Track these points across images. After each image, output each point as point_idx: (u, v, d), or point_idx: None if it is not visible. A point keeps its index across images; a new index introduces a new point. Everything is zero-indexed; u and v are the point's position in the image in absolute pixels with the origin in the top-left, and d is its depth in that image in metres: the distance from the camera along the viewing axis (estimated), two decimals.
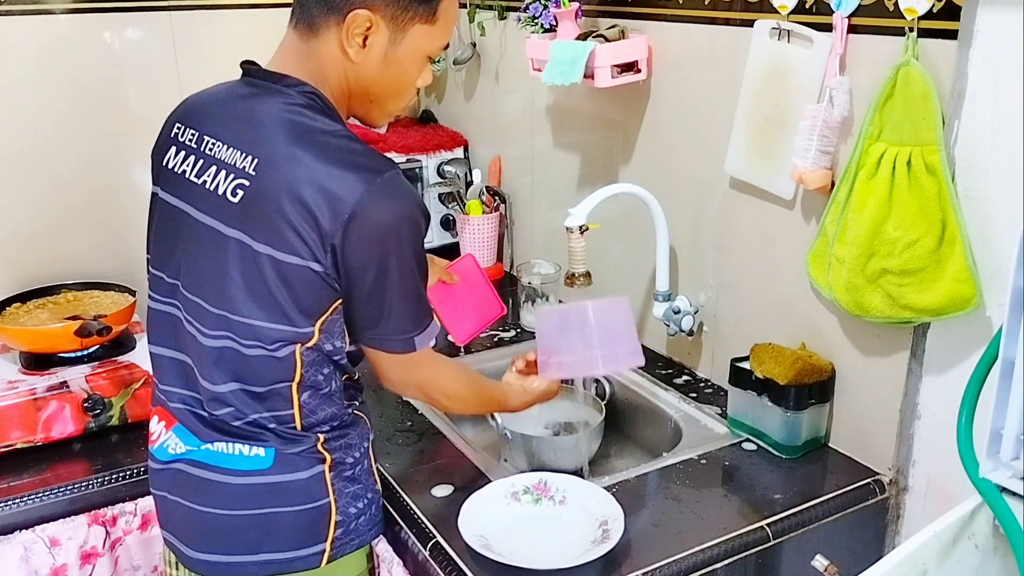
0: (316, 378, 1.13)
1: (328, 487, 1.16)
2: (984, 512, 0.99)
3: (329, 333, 1.11)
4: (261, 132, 1.06)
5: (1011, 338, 0.94)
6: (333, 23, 1.07)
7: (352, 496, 1.19)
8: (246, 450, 1.13)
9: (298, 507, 1.15)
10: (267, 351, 1.08)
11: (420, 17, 1.08)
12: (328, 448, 1.16)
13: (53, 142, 1.94)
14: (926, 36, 1.16)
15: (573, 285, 1.55)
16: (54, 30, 1.90)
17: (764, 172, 1.44)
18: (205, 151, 1.11)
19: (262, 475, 1.13)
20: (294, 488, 1.14)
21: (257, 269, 1.05)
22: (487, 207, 2.20)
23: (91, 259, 2.00)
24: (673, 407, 1.60)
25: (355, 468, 1.20)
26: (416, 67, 1.13)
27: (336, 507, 1.17)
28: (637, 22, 1.66)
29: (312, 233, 1.02)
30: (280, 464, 1.14)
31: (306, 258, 1.03)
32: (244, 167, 1.06)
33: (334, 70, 1.10)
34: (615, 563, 1.16)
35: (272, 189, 1.03)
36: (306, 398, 1.13)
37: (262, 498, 1.14)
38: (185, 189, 1.12)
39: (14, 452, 1.53)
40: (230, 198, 1.06)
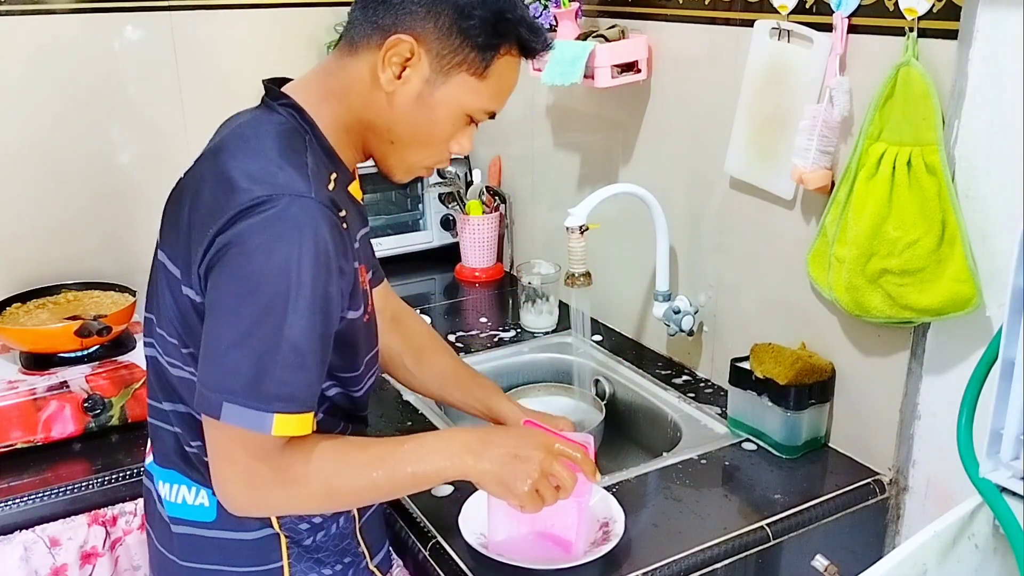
0: None
1: (281, 549, 1.03)
2: (984, 512, 0.99)
3: None
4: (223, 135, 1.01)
5: (1011, 338, 0.94)
6: (374, 44, 0.95)
7: (315, 562, 1.05)
8: (190, 497, 1.03)
9: (244, 568, 1.03)
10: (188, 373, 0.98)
11: (469, 66, 0.96)
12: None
13: (53, 142, 1.94)
14: (926, 36, 1.16)
15: (573, 285, 1.55)
16: (54, 30, 1.90)
17: (764, 172, 1.44)
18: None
19: (207, 528, 1.03)
20: (240, 547, 1.03)
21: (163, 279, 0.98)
22: (487, 207, 2.20)
23: (91, 259, 2.00)
24: (673, 407, 1.60)
25: (314, 536, 1.05)
26: (450, 121, 0.99)
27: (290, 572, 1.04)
28: (637, 22, 1.66)
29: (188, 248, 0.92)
30: (225, 517, 1.00)
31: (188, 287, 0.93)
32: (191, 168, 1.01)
33: (358, 95, 0.98)
34: (615, 563, 1.15)
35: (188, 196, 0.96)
36: None
37: (205, 553, 1.04)
38: None
39: (14, 452, 1.53)
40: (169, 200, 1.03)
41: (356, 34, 0.97)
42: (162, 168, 2.04)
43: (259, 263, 0.86)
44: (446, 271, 2.29)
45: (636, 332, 1.86)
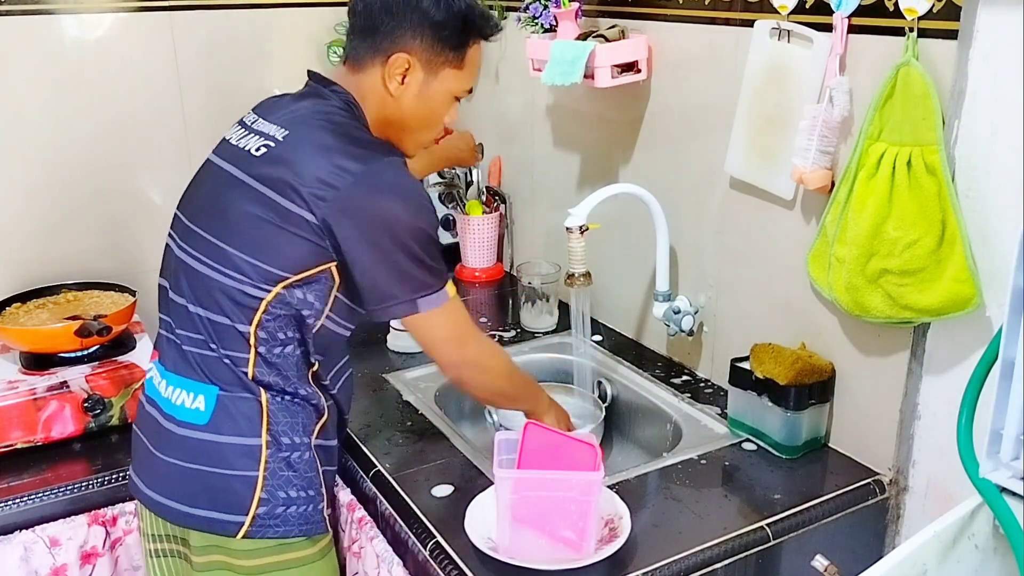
0: (276, 334, 1.19)
1: (260, 461, 1.20)
2: (984, 512, 0.99)
3: (304, 289, 1.17)
4: (297, 114, 1.23)
5: (1011, 338, 0.94)
6: (378, 62, 1.24)
7: (284, 481, 1.22)
8: (188, 400, 1.21)
9: (225, 470, 1.20)
10: (238, 283, 1.16)
11: (450, 62, 1.26)
12: (270, 414, 1.21)
13: (53, 142, 1.94)
14: (926, 36, 1.16)
15: (573, 285, 1.55)
16: (55, 30, 1.90)
17: (764, 172, 1.44)
18: (254, 127, 1.26)
19: (197, 430, 1.20)
20: (225, 450, 1.20)
21: (257, 208, 1.15)
22: (487, 207, 2.20)
23: (91, 259, 2.01)
24: (673, 407, 1.60)
25: (293, 452, 1.22)
26: (444, 104, 1.30)
27: (263, 484, 1.20)
28: (637, 22, 1.66)
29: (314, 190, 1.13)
30: (216, 422, 1.20)
31: (300, 207, 1.13)
32: (275, 135, 1.21)
33: (374, 100, 1.26)
34: (615, 563, 1.15)
35: (291, 151, 1.17)
36: (263, 350, 1.19)
37: (195, 453, 1.20)
38: (225, 151, 1.26)
39: (14, 452, 1.53)
40: (253, 152, 1.20)
41: (360, 57, 1.25)
42: (163, 168, 2.04)
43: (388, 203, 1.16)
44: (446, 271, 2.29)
45: (636, 332, 1.86)
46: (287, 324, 1.20)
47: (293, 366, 1.23)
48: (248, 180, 1.18)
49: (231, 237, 1.17)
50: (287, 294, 1.17)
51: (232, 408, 1.20)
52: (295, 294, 1.17)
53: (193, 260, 1.21)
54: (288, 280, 1.16)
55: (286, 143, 1.19)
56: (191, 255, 1.21)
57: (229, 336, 1.19)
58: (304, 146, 1.17)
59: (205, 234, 1.20)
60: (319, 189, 1.13)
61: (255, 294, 1.17)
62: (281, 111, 1.25)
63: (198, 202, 1.26)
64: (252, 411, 1.20)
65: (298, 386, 1.23)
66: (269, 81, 2.08)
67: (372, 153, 1.18)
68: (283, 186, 1.14)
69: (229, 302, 1.18)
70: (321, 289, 1.19)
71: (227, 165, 1.23)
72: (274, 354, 1.21)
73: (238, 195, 1.18)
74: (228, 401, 1.20)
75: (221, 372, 1.20)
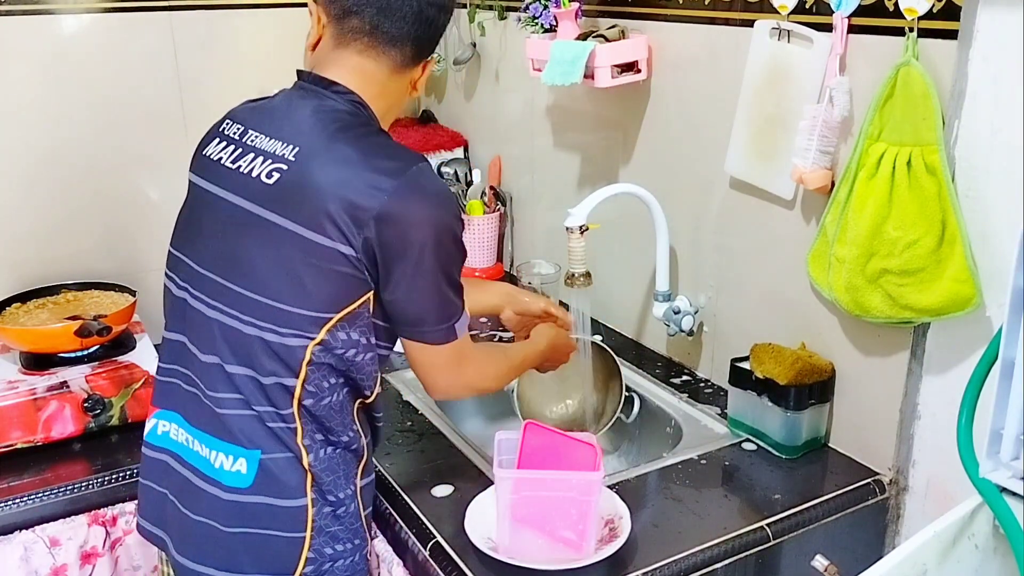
0: (322, 383, 1.11)
1: (307, 520, 1.14)
2: (984, 512, 0.99)
3: (347, 327, 1.09)
4: (303, 125, 1.12)
5: (1011, 338, 0.94)
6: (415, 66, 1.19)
7: (331, 536, 1.16)
8: (227, 463, 1.13)
9: (270, 531, 1.13)
10: (278, 335, 1.08)
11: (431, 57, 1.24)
12: (315, 474, 1.14)
13: (53, 142, 1.94)
14: (926, 36, 1.16)
15: (573, 285, 1.55)
16: (55, 30, 1.90)
17: (764, 172, 1.44)
18: (246, 142, 1.15)
19: (241, 494, 1.13)
20: (271, 513, 1.13)
21: (286, 249, 1.07)
22: (488, 207, 2.20)
23: (91, 259, 2.00)
24: (673, 407, 1.60)
25: (339, 508, 1.16)
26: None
27: (310, 543, 1.14)
28: (637, 22, 1.66)
29: (345, 217, 1.05)
30: (261, 484, 1.12)
31: (335, 240, 1.05)
32: (283, 154, 1.10)
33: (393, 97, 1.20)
34: (615, 563, 1.15)
35: (310, 174, 1.07)
36: (309, 403, 1.11)
37: (237, 516, 1.13)
38: (219, 175, 1.15)
39: (14, 452, 1.53)
40: (264, 180, 1.09)
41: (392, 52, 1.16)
42: (162, 168, 2.04)
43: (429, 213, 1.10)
44: None
45: (636, 332, 1.86)
46: (330, 372, 1.11)
47: (338, 413, 1.15)
48: (267, 215, 1.08)
49: (261, 286, 1.08)
50: (331, 338, 1.08)
51: (276, 470, 1.12)
52: (338, 336, 1.09)
53: (222, 315, 1.11)
54: (331, 321, 1.08)
55: (300, 164, 1.08)
56: (217, 309, 1.12)
57: (273, 394, 1.10)
58: (324, 166, 1.07)
59: (229, 284, 1.11)
60: (352, 214, 1.04)
61: (298, 344, 1.08)
62: (278, 122, 1.14)
63: (206, 245, 1.15)
64: (297, 472, 1.13)
65: (341, 433, 1.16)
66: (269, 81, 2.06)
67: (400, 161, 1.09)
68: (310, 219, 1.05)
69: (272, 357, 1.09)
70: (363, 323, 1.11)
71: (232, 196, 1.12)
72: (321, 406, 1.12)
73: (258, 235, 1.08)
74: (271, 464, 1.12)
75: (262, 435, 1.12)
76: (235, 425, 1.12)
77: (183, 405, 1.18)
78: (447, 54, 2.27)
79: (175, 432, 1.19)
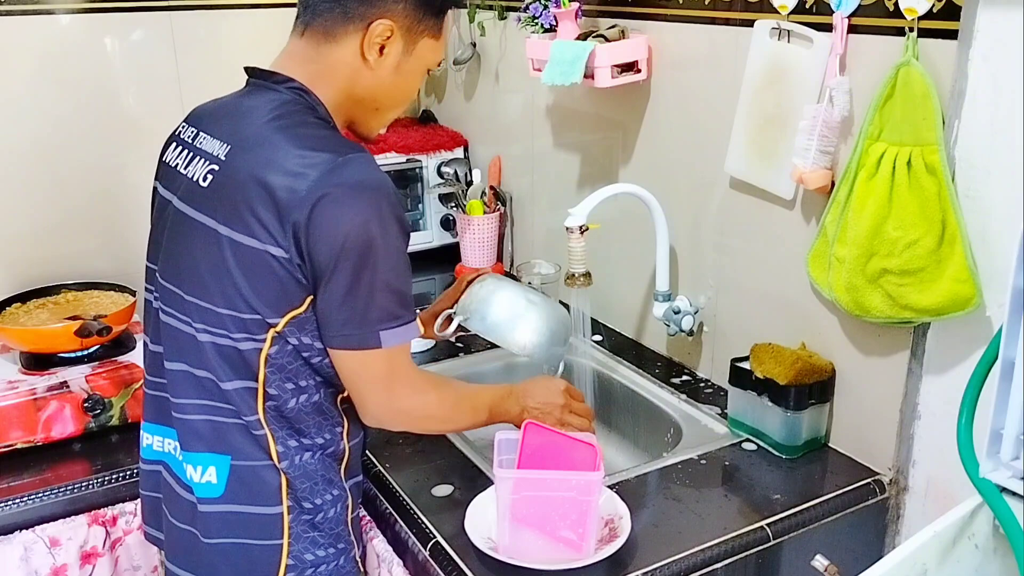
0: (283, 385, 1.09)
1: (283, 528, 1.12)
2: (984, 512, 0.99)
3: (298, 332, 1.06)
4: (240, 122, 1.09)
5: (1011, 338, 0.94)
6: (353, 31, 1.09)
7: (310, 542, 1.14)
8: (196, 475, 1.11)
9: (246, 540, 1.12)
10: (229, 339, 1.06)
11: (429, 31, 1.14)
12: (289, 481, 1.11)
13: (53, 142, 1.94)
14: (926, 36, 1.16)
15: (573, 285, 1.55)
16: (54, 30, 1.90)
17: (764, 172, 1.44)
18: (196, 145, 1.13)
19: (214, 503, 1.12)
20: (245, 521, 1.11)
21: (220, 253, 1.03)
22: (488, 207, 2.20)
23: (91, 259, 2.00)
24: (673, 407, 1.60)
25: (317, 515, 1.14)
26: (419, 78, 1.18)
27: (288, 550, 1.12)
28: (637, 22, 1.66)
29: (270, 215, 1.00)
30: (233, 492, 1.11)
31: (264, 242, 1.01)
32: (218, 154, 1.08)
33: (344, 76, 1.12)
34: (615, 563, 1.15)
35: (237, 172, 1.04)
36: (272, 406, 1.09)
37: (213, 527, 1.12)
38: (173, 180, 1.14)
39: (14, 452, 1.53)
40: (201, 183, 1.07)
41: (332, 24, 1.10)
42: None
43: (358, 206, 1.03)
44: (446, 271, 2.29)
45: (636, 332, 1.86)
46: (295, 374, 1.09)
47: (311, 414, 1.12)
48: (202, 219, 1.05)
49: (204, 291, 1.05)
50: (282, 343, 1.06)
51: (248, 477, 1.10)
52: (290, 342, 1.06)
53: (179, 323, 1.10)
54: (278, 325, 1.05)
55: (229, 163, 1.05)
56: (176, 317, 1.10)
57: (236, 400, 1.08)
58: (248, 162, 1.03)
59: (179, 291, 1.09)
60: (276, 211, 0.99)
61: (250, 347, 1.05)
62: (222, 121, 1.11)
63: (163, 252, 1.13)
64: (271, 478, 1.10)
65: (316, 435, 1.13)
66: None
67: (328, 152, 1.02)
68: (238, 220, 1.01)
69: (227, 362, 1.06)
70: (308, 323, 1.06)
71: (178, 202, 1.10)
72: (288, 409, 1.10)
73: (197, 240, 1.06)
74: (243, 470, 1.10)
75: (232, 438, 1.09)
76: (205, 431, 1.10)
77: (165, 416, 1.17)
78: (447, 54, 2.27)
79: (159, 444, 1.19)
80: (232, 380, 1.08)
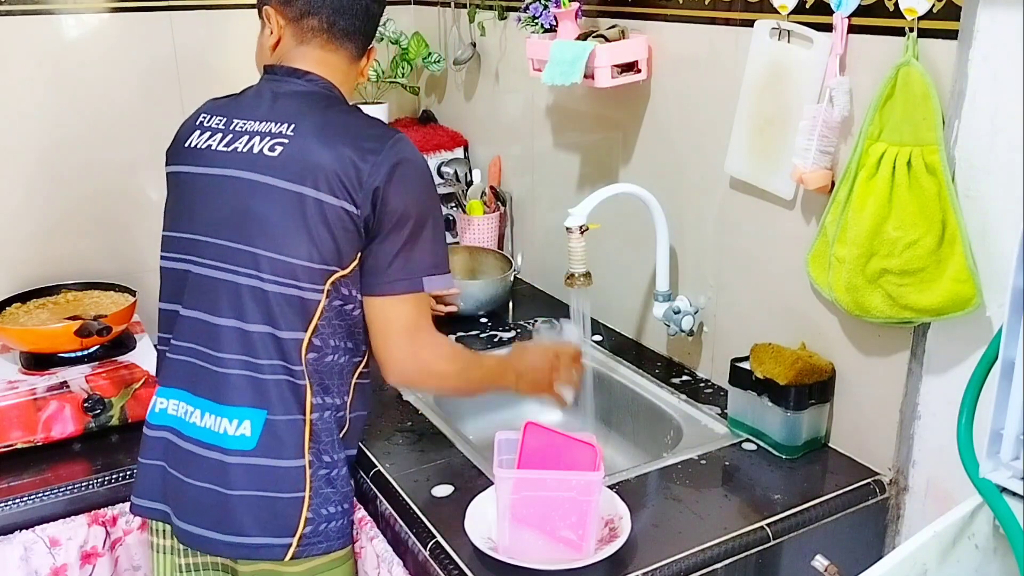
0: (328, 341, 1.21)
1: (307, 481, 1.21)
2: (984, 512, 0.99)
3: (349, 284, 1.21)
4: (292, 106, 1.24)
5: (1011, 338, 0.94)
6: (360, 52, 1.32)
7: (325, 498, 1.23)
8: (231, 428, 1.20)
9: (272, 493, 1.20)
10: (298, 289, 1.18)
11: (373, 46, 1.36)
12: (313, 434, 1.22)
13: (53, 142, 1.94)
14: (926, 36, 1.16)
15: (573, 285, 1.55)
16: (54, 30, 1.90)
17: (764, 172, 1.44)
18: (235, 129, 1.24)
19: (244, 456, 1.20)
20: (273, 473, 1.20)
21: (299, 209, 1.17)
22: (488, 207, 2.20)
23: (91, 259, 2.01)
24: (673, 407, 1.60)
25: (332, 469, 1.25)
26: None
27: (310, 503, 1.22)
28: (637, 22, 1.66)
29: (350, 177, 1.17)
30: (264, 446, 1.20)
31: (341, 198, 1.16)
32: (281, 131, 1.21)
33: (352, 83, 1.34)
34: (615, 563, 1.15)
35: (311, 144, 1.19)
36: (313, 357, 1.20)
37: (240, 479, 1.20)
38: (214, 158, 1.23)
39: (14, 452, 1.53)
40: (267, 153, 1.20)
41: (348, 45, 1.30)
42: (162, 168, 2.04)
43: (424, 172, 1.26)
44: None
45: (636, 332, 1.86)
46: (336, 331, 1.22)
47: (337, 374, 1.25)
48: (275, 182, 1.18)
49: (278, 244, 1.17)
50: (334, 291, 1.19)
51: (279, 431, 1.20)
52: (341, 290, 1.20)
53: (237, 276, 1.19)
54: (337, 275, 1.19)
55: (300, 137, 1.19)
56: (236, 272, 1.19)
57: (289, 349, 1.19)
58: (322, 135, 1.19)
59: (243, 246, 1.19)
60: (354, 174, 1.16)
61: (312, 297, 1.18)
62: (262, 108, 1.25)
63: (219, 216, 1.22)
64: (298, 432, 1.21)
65: (336, 395, 1.25)
66: None
67: (384, 129, 1.24)
68: (317, 181, 1.16)
69: (291, 311, 1.18)
70: (355, 278, 1.22)
71: (236, 172, 1.21)
72: (325, 363, 1.22)
73: (268, 199, 1.18)
74: (276, 424, 1.20)
75: (270, 393, 1.20)
76: (244, 386, 1.19)
77: (188, 379, 1.24)
78: (447, 54, 2.27)
79: (174, 407, 1.25)
80: (291, 330, 1.19)
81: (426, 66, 2.29)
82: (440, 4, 2.28)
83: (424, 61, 2.28)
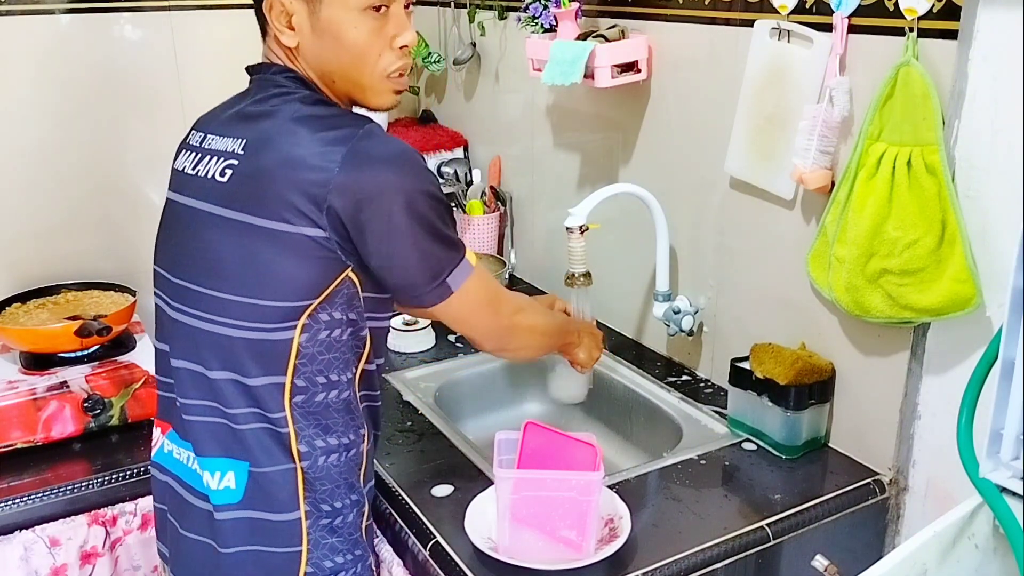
0: (313, 378, 1.08)
1: (303, 534, 1.10)
2: (984, 512, 0.99)
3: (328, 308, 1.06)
4: (249, 118, 1.09)
5: (1011, 338, 0.94)
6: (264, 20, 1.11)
7: (329, 549, 1.12)
8: (214, 482, 1.10)
9: (265, 548, 1.10)
10: (263, 332, 1.05)
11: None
12: (307, 483, 1.10)
13: (53, 142, 1.94)
14: (926, 36, 1.16)
15: (573, 285, 1.55)
16: (54, 30, 1.90)
17: (764, 172, 1.44)
18: (204, 146, 1.13)
19: (232, 510, 1.10)
20: (264, 528, 1.10)
21: (251, 243, 1.03)
22: (488, 207, 2.20)
23: (91, 259, 2.00)
24: (673, 407, 1.60)
25: (335, 518, 1.13)
26: (353, 25, 1.08)
27: (308, 557, 1.11)
28: (637, 22, 1.66)
29: (303, 199, 1.00)
30: (251, 500, 1.09)
31: (299, 224, 1.01)
32: (233, 150, 1.07)
33: (291, 63, 1.12)
34: (615, 563, 1.15)
35: (260, 164, 1.04)
36: (301, 400, 1.08)
37: (230, 534, 1.10)
38: (183, 183, 1.14)
39: (14, 452, 1.53)
40: (218, 179, 1.07)
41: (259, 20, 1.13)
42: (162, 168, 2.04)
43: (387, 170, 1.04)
44: None
45: (636, 332, 1.86)
46: (328, 364, 1.08)
47: (342, 410, 1.12)
48: (227, 214, 1.04)
49: (236, 285, 1.04)
50: (313, 323, 1.05)
51: (267, 483, 1.09)
52: (320, 319, 1.05)
53: (198, 320, 1.08)
54: (311, 306, 1.04)
55: (248, 156, 1.05)
56: (193, 315, 1.09)
57: (262, 397, 1.07)
58: (270, 151, 1.03)
59: (200, 288, 1.07)
60: (308, 193, 1.00)
61: (281, 338, 1.05)
62: (228, 120, 1.12)
63: (176, 253, 1.12)
64: (290, 482, 1.09)
65: (343, 434, 1.12)
66: None
67: (346, 128, 1.04)
68: (269, 208, 1.01)
69: (258, 356, 1.05)
70: (343, 301, 1.07)
71: (194, 201, 1.09)
72: (317, 403, 1.09)
73: (220, 234, 1.05)
74: (262, 476, 1.08)
75: (249, 443, 1.08)
76: (222, 435, 1.09)
77: (176, 419, 1.16)
78: (447, 54, 2.27)
79: (167, 447, 1.18)
80: (261, 376, 1.06)
81: (426, 66, 2.29)
82: (440, 4, 2.27)
83: (424, 61, 2.28)
